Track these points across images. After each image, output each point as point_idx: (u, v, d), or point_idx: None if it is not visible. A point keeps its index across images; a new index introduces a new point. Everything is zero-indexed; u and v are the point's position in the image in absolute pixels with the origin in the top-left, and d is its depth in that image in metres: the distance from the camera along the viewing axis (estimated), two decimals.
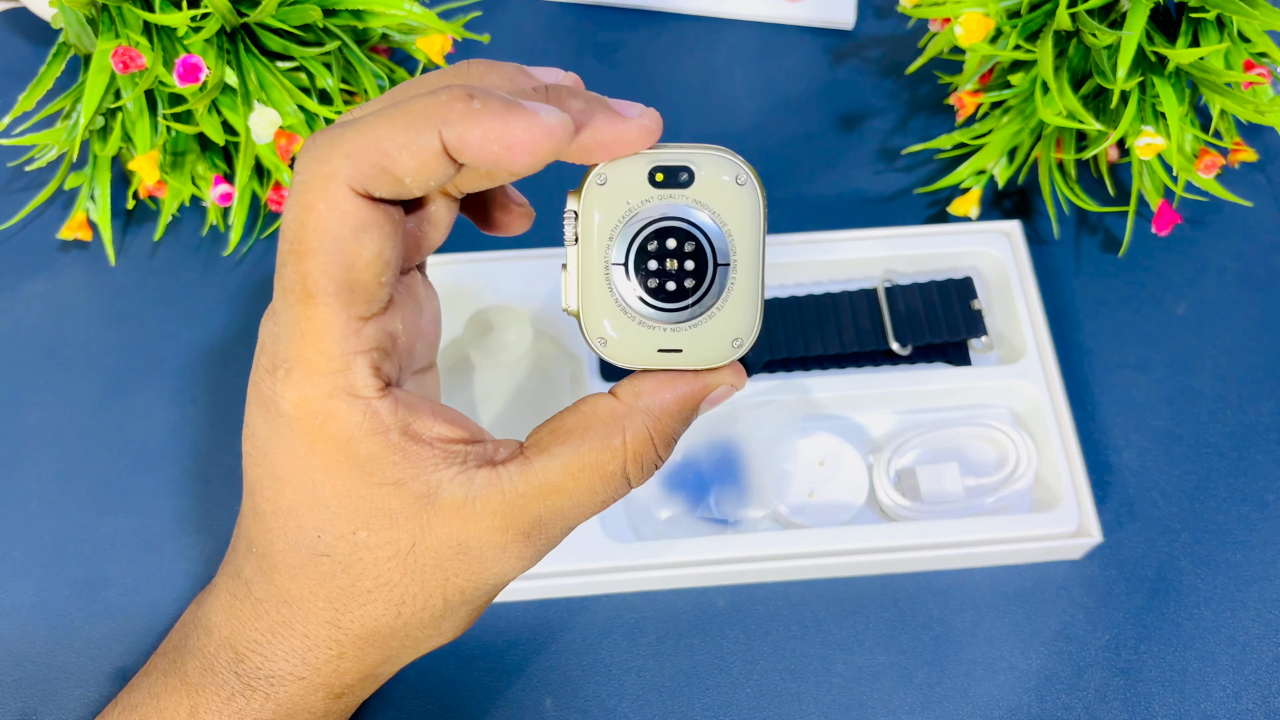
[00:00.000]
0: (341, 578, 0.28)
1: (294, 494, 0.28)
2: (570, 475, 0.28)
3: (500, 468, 0.28)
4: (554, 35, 0.58)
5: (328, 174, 0.25)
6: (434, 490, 0.27)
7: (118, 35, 0.44)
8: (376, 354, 0.27)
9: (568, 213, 0.28)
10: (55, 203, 0.52)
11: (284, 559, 0.29)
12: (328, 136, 0.26)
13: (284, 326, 0.27)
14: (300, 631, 0.29)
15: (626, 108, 0.28)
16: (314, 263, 0.26)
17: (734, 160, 0.28)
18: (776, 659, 0.41)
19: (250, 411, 0.29)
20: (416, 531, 0.28)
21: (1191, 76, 0.45)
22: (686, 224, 0.28)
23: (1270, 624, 0.41)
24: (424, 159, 0.25)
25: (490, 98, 0.25)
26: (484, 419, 0.46)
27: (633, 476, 0.29)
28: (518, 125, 0.25)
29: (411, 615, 0.29)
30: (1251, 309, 0.49)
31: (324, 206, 0.25)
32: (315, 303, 0.26)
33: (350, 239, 0.26)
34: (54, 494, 0.44)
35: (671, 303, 0.28)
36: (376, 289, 0.26)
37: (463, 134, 0.25)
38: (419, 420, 0.28)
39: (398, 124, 0.25)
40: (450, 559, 0.28)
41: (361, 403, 0.27)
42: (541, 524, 0.28)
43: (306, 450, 0.27)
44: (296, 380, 0.27)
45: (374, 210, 0.26)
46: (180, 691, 0.31)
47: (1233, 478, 0.45)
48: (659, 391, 0.29)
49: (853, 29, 0.58)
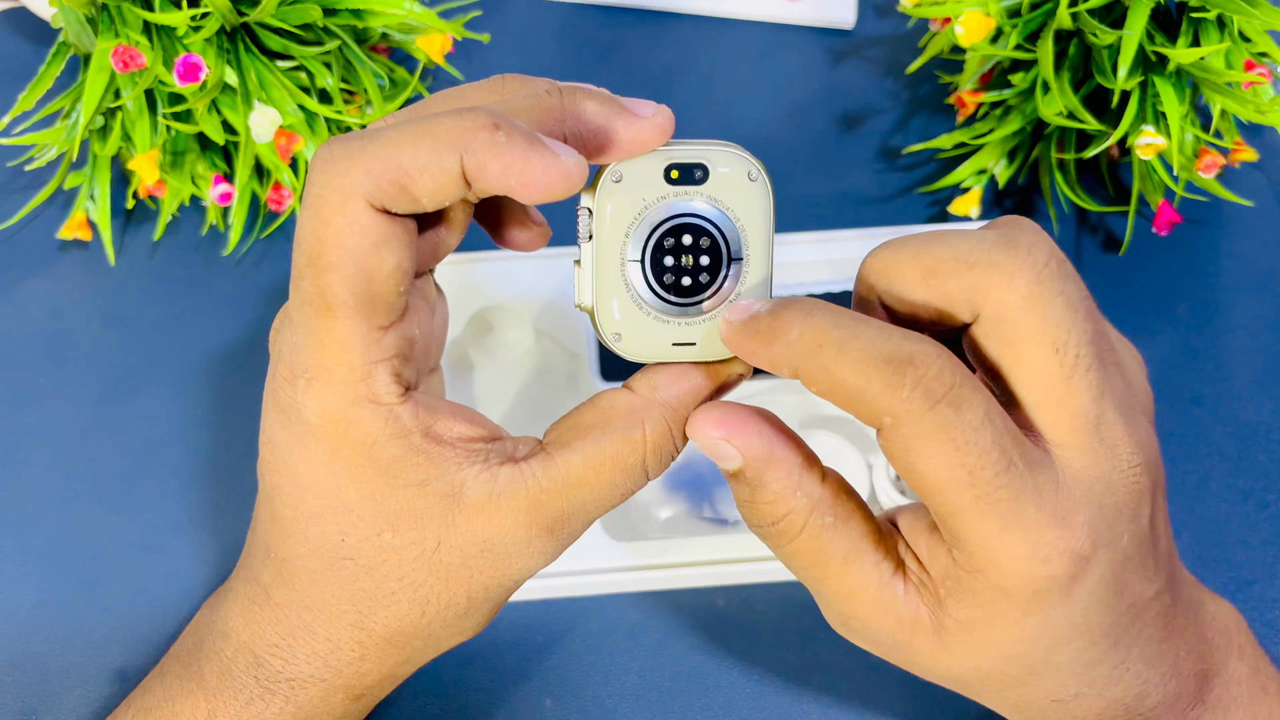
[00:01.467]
0: (365, 580, 0.28)
1: (316, 499, 0.28)
2: (592, 469, 0.28)
3: (523, 464, 0.28)
4: (554, 35, 0.58)
5: (346, 189, 0.25)
6: (458, 489, 0.28)
7: (117, 35, 0.44)
8: (396, 361, 0.27)
9: (581, 209, 0.28)
10: (55, 202, 0.52)
11: (305, 564, 0.29)
12: (346, 149, 0.26)
13: (303, 337, 0.27)
14: (322, 635, 0.29)
15: (640, 106, 0.28)
16: (334, 276, 0.26)
17: (746, 156, 0.29)
18: (776, 659, 0.41)
19: (268, 419, 0.29)
20: (442, 530, 0.28)
21: (1192, 76, 0.45)
22: (702, 219, 0.28)
23: (1270, 624, 0.41)
24: (443, 182, 0.25)
25: (514, 131, 0.25)
26: None
27: (651, 468, 0.29)
28: (537, 165, 0.25)
29: (436, 614, 0.29)
30: (1251, 309, 0.49)
31: (343, 221, 0.25)
32: (336, 315, 0.26)
33: (370, 253, 0.26)
34: (54, 494, 0.44)
35: (686, 297, 0.29)
36: (395, 299, 0.27)
37: (483, 163, 0.25)
38: (440, 421, 0.28)
39: (421, 144, 0.25)
40: (475, 556, 0.28)
41: (384, 409, 0.27)
42: (564, 518, 0.28)
43: (329, 456, 0.27)
44: (318, 390, 0.27)
45: (392, 224, 0.26)
46: (197, 695, 0.31)
47: (1233, 478, 0.45)
48: (674, 383, 0.29)
49: (853, 29, 0.58)
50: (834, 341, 0.25)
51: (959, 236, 0.26)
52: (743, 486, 0.28)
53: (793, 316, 0.26)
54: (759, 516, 0.28)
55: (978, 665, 0.27)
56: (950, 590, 0.26)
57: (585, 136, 0.28)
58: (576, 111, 0.27)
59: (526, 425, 0.45)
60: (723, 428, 0.28)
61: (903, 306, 0.27)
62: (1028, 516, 0.24)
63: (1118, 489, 0.26)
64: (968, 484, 0.24)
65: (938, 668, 0.28)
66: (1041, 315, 0.25)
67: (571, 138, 0.27)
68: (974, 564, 0.25)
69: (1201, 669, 0.29)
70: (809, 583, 0.29)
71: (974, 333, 0.26)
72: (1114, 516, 0.25)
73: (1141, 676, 0.28)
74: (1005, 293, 0.25)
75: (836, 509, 0.28)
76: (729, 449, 0.28)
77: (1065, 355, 0.25)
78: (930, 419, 0.24)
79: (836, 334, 0.25)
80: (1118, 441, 0.26)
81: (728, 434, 0.27)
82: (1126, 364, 0.28)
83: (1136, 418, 0.27)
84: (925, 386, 0.24)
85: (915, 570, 0.27)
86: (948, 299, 0.26)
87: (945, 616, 0.26)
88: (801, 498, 0.27)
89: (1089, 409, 0.25)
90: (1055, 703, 0.28)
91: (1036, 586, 0.25)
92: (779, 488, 0.27)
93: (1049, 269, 0.25)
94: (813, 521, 0.27)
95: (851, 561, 0.27)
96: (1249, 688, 0.30)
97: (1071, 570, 0.25)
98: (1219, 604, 0.32)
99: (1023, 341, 0.25)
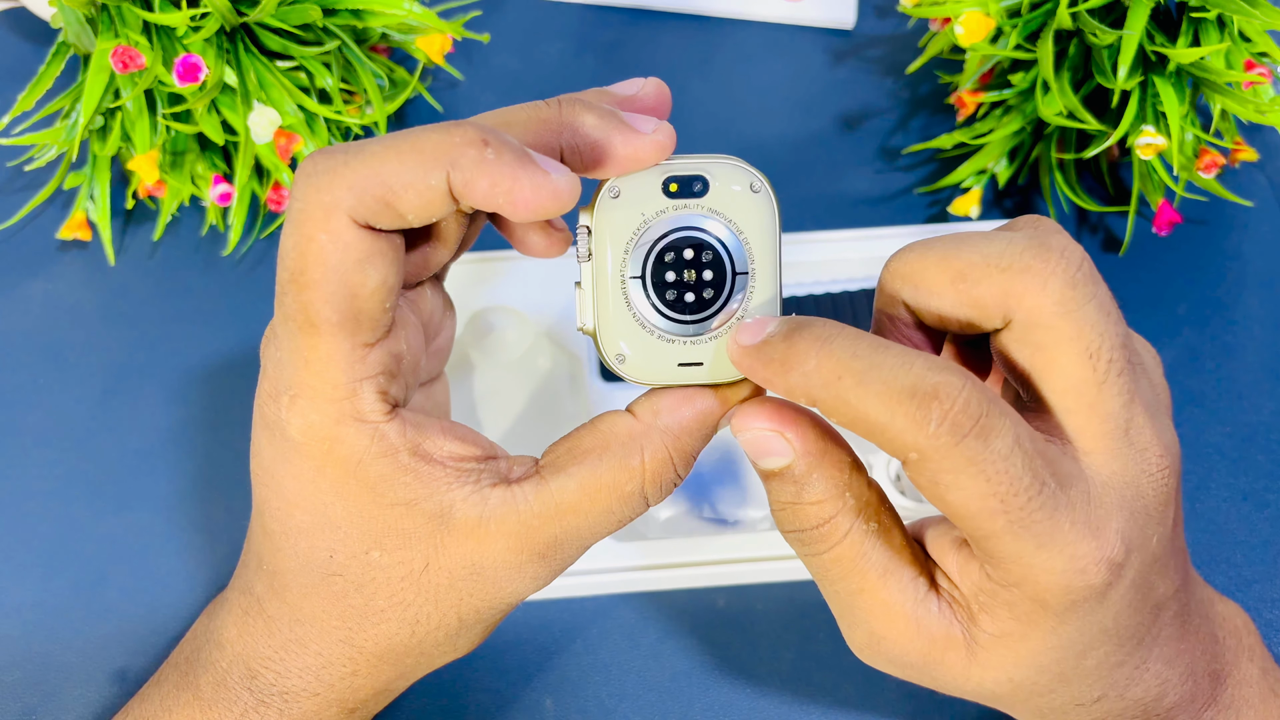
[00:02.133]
0: (354, 597, 0.28)
1: (304, 515, 0.28)
2: (587, 496, 0.27)
3: (515, 486, 0.27)
4: (554, 35, 0.58)
5: (329, 204, 0.25)
6: (447, 510, 0.27)
7: (117, 35, 0.44)
8: (383, 378, 0.27)
9: (581, 228, 0.28)
10: (54, 202, 0.52)
11: (295, 578, 0.29)
12: (329, 163, 0.25)
13: (287, 353, 0.26)
14: (314, 649, 0.29)
15: (641, 122, 0.27)
16: (316, 293, 0.25)
17: (747, 169, 0.28)
18: (776, 659, 0.41)
19: (256, 433, 0.28)
20: (430, 552, 0.27)
21: (1192, 76, 0.45)
22: (703, 233, 0.27)
23: (1270, 624, 0.41)
24: (429, 198, 0.25)
25: (504, 147, 0.25)
26: (484, 420, 0.46)
27: (651, 496, 0.28)
28: (526, 183, 0.25)
29: (426, 634, 0.29)
30: (1251, 309, 0.49)
31: (325, 238, 0.25)
32: (319, 332, 0.26)
33: (353, 270, 0.25)
34: (54, 494, 0.44)
35: (690, 314, 0.28)
36: (380, 315, 0.26)
37: (470, 180, 0.25)
38: (429, 440, 0.27)
39: (407, 160, 0.25)
40: (464, 579, 0.28)
41: (369, 427, 0.26)
42: (557, 544, 0.28)
43: (315, 473, 0.27)
44: (302, 407, 0.26)
45: (376, 240, 0.25)
46: (193, 706, 0.31)
47: (1233, 478, 0.45)
48: (678, 409, 0.28)
49: (853, 29, 0.58)
50: (854, 373, 0.24)
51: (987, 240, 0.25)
52: (787, 486, 0.27)
53: (809, 344, 0.25)
54: (802, 519, 0.27)
55: (1010, 677, 0.26)
56: (984, 605, 0.26)
57: (583, 150, 0.27)
58: (575, 124, 0.27)
59: (526, 427, 0.45)
60: (775, 420, 0.26)
61: (929, 311, 0.26)
62: (1063, 532, 0.24)
63: (1147, 493, 0.25)
64: (1000, 511, 0.23)
65: (968, 683, 0.27)
66: (1075, 320, 0.24)
67: (569, 150, 0.27)
68: (1009, 579, 0.25)
69: (1214, 669, 0.29)
70: (842, 595, 0.27)
71: (1004, 338, 0.26)
72: (1144, 520, 0.25)
73: (1160, 676, 0.28)
74: (1039, 298, 0.24)
75: (880, 516, 0.27)
76: (780, 443, 0.26)
77: (1098, 361, 0.24)
78: (958, 453, 0.23)
79: (857, 364, 0.24)
80: (1147, 445, 0.25)
81: (780, 426, 0.26)
82: (1146, 363, 0.28)
83: (1162, 418, 0.26)
84: (952, 420, 0.23)
85: (946, 586, 0.27)
86: (978, 304, 0.25)
87: (978, 631, 0.26)
88: (850, 499, 0.26)
89: (1119, 414, 0.25)
90: (1079, 707, 0.28)
91: (1073, 597, 0.24)
92: (828, 487, 0.26)
93: (1081, 273, 0.25)
94: (858, 526, 0.26)
95: (890, 574, 0.26)
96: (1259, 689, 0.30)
97: (1108, 578, 0.24)
98: (1227, 605, 0.31)
99: (1056, 347, 0.25)
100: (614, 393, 0.45)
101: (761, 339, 0.26)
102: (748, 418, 0.27)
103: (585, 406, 0.45)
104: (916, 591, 0.26)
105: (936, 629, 0.26)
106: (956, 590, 0.26)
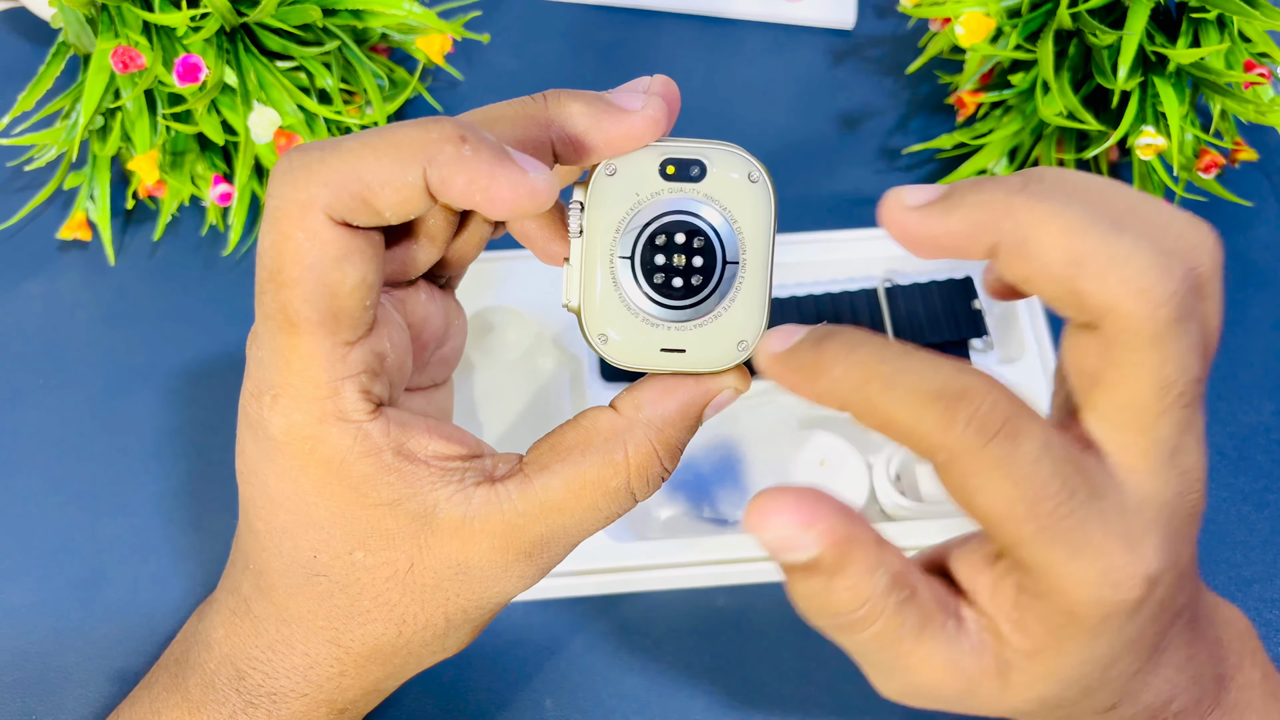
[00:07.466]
0: (340, 597, 0.28)
1: (287, 515, 0.27)
2: (572, 493, 0.27)
3: (499, 485, 0.27)
4: (554, 35, 0.58)
5: (304, 201, 0.25)
6: (430, 510, 0.27)
7: (117, 35, 0.44)
8: (365, 377, 0.26)
9: (573, 203, 0.27)
10: (54, 202, 0.52)
11: (281, 578, 0.28)
12: (305, 160, 0.25)
13: (267, 353, 0.26)
14: (300, 650, 0.29)
15: (629, 100, 0.27)
16: (295, 292, 0.25)
17: (747, 158, 0.27)
18: (776, 659, 0.41)
19: (240, 432, 0.28)
20: (414, 552, 0.27)
21: (1192, 76, 0.45)
22: (697, 219, 0.27)
23: (1270, 624, 0.41)
24: (406, 195, 0.25)
25: (481, 144, 0.24)
26: (484, 420, 0.46)
27: (638, 491, 0.28)
28: (504, 180, 0.24)
29: (413, 634, 0.28)
30: (1251, 309, 0.49)
31: (302, 235, 0.25)
32: (299, 331, 0.25)
33: (331, 267, 0.25)
34: (54, 494, 0.44)
35: (677, 300, 0.27)
36: (360, 314, 0.26)
37: (447, 178, 0.24)
38: (413, 439, 0.27)
39: (383, 156, 0.24)
40: (450, 579, 0.27)
41: (352, 426, 0.26)
42: (543, 543, 0.28)
43: (298, 473, 0.27)
44: (284, 407, 0.26)
45: (354, 238, 0.25)
46: (181, 708, 0.31)
47: (1233, 478, 0.45)
48: (660, 401, 0.28)
49: (853, 29, 0.58)
50: (882, 377, 0.23)
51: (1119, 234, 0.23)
52: (816, 578, 0.25)
53: (837, 351, 0.24)
54: (836, 607, 0.25)
55: (1040, 694, 0.26)
56: (1016, 622, 0.25)
57: (573, 140, 0.27)
58: (563, 116, 0.26)
59: (526, 426, 0.45)
60: (799, 514, 0.24)
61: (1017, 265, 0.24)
62: (1095, 542, 0.23)
63: (1181, 511, 0.25)
64: (1028, 517, 0.23)
65: (1000, 706, 0.26)
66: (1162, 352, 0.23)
67: (559, 143, 0.27)
68: (1040, 589, 0.24)
69: (1219, 673, 0.29)
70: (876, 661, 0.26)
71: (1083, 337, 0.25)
72: (1178, 537, 0.25)
73: (1171, 681, 0.27)
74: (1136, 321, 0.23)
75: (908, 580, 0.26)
76: (807, 537, 0.24)
77: (1169, 394, 0.24)
78: (986, 455, 0.23)
79: (884, 369, 0.24)
80: (1189, 468, 0.25)
81: (807, 519, 0.24)
82: None
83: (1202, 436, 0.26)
84: (979, 422, 0.23)
85: (971, 616, 0.26)
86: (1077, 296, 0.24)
87: (1010, 653, 0.25)
88: (882, 577, 0.25)
89: (1170, 439, 0.24)
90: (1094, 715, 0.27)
91: (1106, 610, 0.24)
92: (861, 570, 0.24)
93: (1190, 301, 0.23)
94: (891, 601, 0.25)
95: (924, 631, 0.25)
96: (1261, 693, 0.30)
97: (1143, 594, 0.24)
98: (1230, 609, 0.31)
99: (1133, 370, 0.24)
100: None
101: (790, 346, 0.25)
102: (768, 516, 0.24)
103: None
104: (948, 637, 0.26)
105: (970, 666, 0.26)
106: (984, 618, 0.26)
